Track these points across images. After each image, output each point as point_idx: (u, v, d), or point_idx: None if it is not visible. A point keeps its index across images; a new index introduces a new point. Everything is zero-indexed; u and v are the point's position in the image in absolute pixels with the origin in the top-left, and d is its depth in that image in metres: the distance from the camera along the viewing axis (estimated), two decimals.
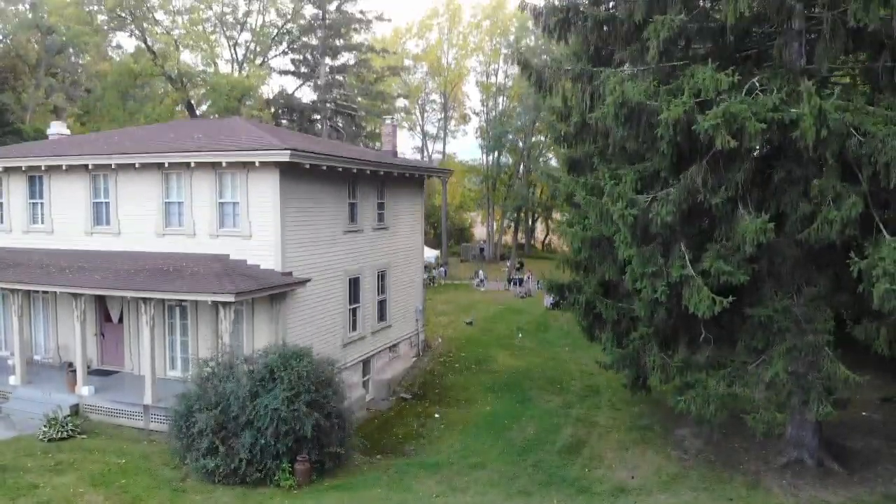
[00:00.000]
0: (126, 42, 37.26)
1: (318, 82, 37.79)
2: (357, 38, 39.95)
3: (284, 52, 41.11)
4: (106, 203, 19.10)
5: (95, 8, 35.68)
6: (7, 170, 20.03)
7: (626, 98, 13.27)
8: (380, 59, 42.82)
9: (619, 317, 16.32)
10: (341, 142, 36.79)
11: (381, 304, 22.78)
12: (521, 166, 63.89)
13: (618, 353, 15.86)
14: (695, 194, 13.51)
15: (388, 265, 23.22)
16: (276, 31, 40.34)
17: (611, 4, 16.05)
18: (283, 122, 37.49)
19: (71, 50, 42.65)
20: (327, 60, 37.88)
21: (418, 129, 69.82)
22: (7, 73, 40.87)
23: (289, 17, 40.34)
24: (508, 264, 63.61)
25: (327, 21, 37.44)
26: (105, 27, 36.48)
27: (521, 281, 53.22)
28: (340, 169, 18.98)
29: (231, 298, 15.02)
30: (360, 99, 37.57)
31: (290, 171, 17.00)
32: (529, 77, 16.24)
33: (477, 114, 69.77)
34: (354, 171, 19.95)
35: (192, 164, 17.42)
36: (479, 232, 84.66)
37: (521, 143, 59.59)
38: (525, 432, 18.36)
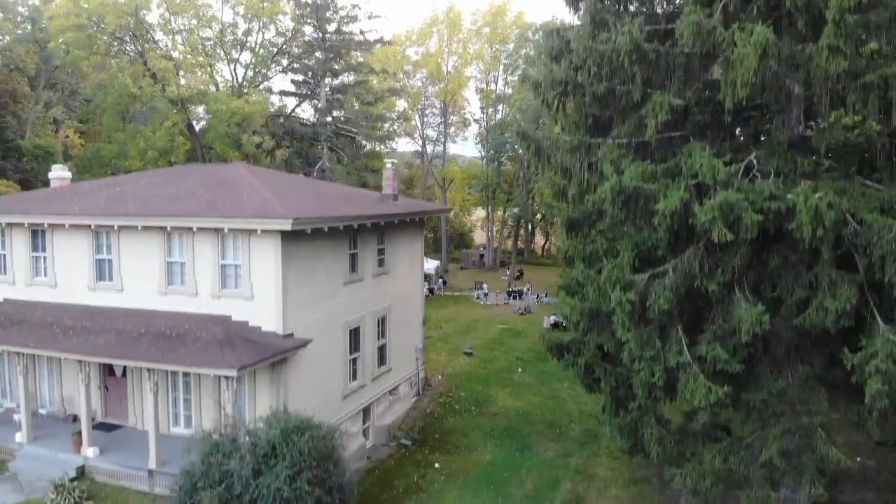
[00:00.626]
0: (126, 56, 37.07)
1: (319, 105, 37.79)
2: (357, 56, 39.88)
3: (284, 71, 41.09)
4: (109, 259, 19.26)
5: (95, 29, 35.54)
6: (10, 223, 20.19)
7: (623, 186, 13.41)
8: (380, 81, 42.85)
9: (617, 383, 16.53)
10: (342, 164, 36.87)
11: (382, 349, 22.99)
12: (521, 174, 63.97)
13: (616, 423, 16.08)
14: (692, 279, 13.69)
15: (389, 308, 23.41)
16: (275, 50, 40.28)
17: (607, 70, 16.03)
18: (284, 143, 37.49)
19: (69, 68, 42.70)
20: (327, 80, 37.86)
21: (418, 135, 69.81)
22: (6, 98, 40.86)
23: (289, 35, 40.30)
24: (508, 273, 63.82)
25: (327, 43, 37.42)
26: (106, 49, 36.34)
27: (520, 294, 53.44)
28: (342, 227, 19.14)
29: (233, 374, 15.22)
30: (362, 123, 37.54)
31: (291, 235, 17.15)
32: (528, 148, 16.35)
33: (477, 120, 69.83)
34: (355, 225, 20.11)
35: (195, 229, 17.57)
36: (479, 236, 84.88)
37: (520, 152, 59.49)
38: (524, 487, 18.62)
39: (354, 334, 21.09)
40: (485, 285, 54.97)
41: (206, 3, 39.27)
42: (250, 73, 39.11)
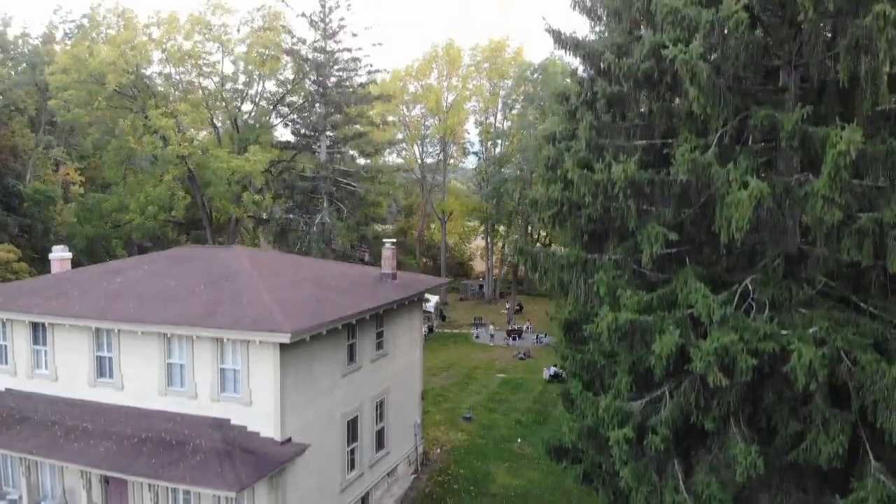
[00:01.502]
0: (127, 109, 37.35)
1: (320, 158, 38.00)
2: (358, 108, 40.05)
3: (285, 124, 41.31)
4: (109, 357, 19.37)
5: (95, 86, 35.80)
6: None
7: (619, 323, 13.53)
8: (380, 130, 43.12)
9: (615, 496, 16.61)
10: (342, 219, 36.99)
11: (380, 433, 23.06)
12: (520, 208, 64.06)
13: None
14: (687, 413, 13.80)
15: (388, 390, 23.49)
16: (276, 99, 40.51)
17: (602, 198, 16.18)
18: (283, 197, 37.67)
19: None
20: (328, 134, 38.08)
21: (417, 167, 70.07)
22: (7, 156, 41.09)
23: (289, 86, 40.54)
24: (508, 306, 63.89)
25: (327, 97, 37.64)
26: (107, 105, 36.59)
27: (520, 333, 53.52)
28: (340, 326, 19.26)
29: (233, 494, 15.30)
30: (362, 174, 37.73)
31: (290, 343, 17.26)
32: (526, 262, 16.48)
33: (476, 153, 70.10)
34: (354, 320, 20.22)
35: (195, 336, 17.70)
36: (479, 264, 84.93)
37: (518, 195, 59.81)
38: None
39: (352, 424, 21.17)
40: (490, 327, 54.84)
41: (207, 52, 39.60)
42: (251, 121, 39.26)
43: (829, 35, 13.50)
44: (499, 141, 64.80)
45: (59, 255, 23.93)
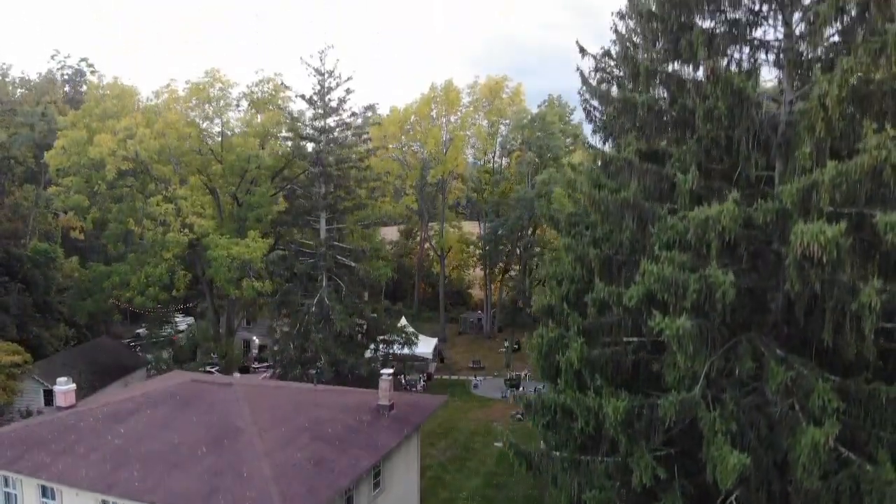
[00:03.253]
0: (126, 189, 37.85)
1: (319, 235, 38.32)
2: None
3: (286, 196, 41.58)
4: None
5: (94, 171, 36.15)
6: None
7: None
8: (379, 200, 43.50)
9: None
10: (342, 301, 37.35)
11: None
12: (519, 250, 64.47)
13: None
14: None
15: None
16: (274, 174, 40.80)
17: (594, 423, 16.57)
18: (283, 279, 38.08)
19: None
20: (325, 215, 38.39)
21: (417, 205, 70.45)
22: (8, 238, 41.41)
23: (288, 159, 40.83)
24: (506, 344, 64.30)
25: (327, 175, 37.89)
26: (107, 189, 36.98)
27: (518, 383, 53.99)
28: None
29: None
30: (361, 250, 38.10)
31: None
32: (521, 463, 16.97)
33: (476, 191, 70.25)
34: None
35: None
36: (478, 292, 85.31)
37: (517, 247, 60.29)
38: None
39: None
40: (506, 388, 54.10)
41: (207, 132, 39.84)
42: (252, 197, 39.60)
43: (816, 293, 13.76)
44: (497, 178, 65.02)
45: (64, 388, 24.41)
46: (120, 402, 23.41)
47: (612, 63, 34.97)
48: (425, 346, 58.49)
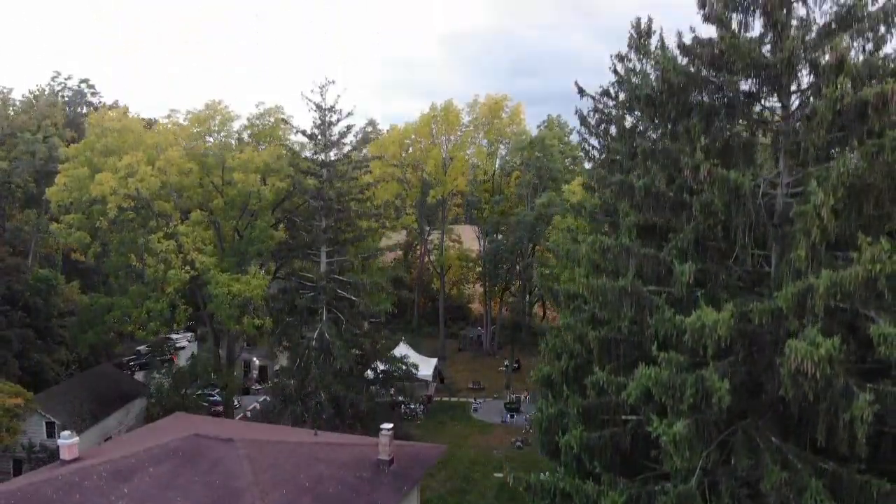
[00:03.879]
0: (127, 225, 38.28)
1: (320, 269, 38.51)
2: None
3: (286, 227, 41.75)
4: None
5: (95, 207, 36.39)
6: None
7: None
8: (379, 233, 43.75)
9: None
10: (342, 337, 37.55)
11: None
12: (518, 266, 64.67)
13: None
14: None
15: None
16: (274, 205, 40.99)
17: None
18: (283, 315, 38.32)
19: None
20: (326, 249, 38.60)
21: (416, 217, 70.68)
22: (10, 275, 41.57)
23: (289, 191, 41.01)
24: (506, 363, 64.46)
25: (328, 209, 38.08)
26: (108, 226, 37.21)
27: (518, 407, 54.19)
28: None
29: None
30: (361, 284, 38.26)
31: None
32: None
33: (477, 208, 70.47)
34: None
35: None
36: (479, 306, 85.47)
37: (517, 265, 60.50)
38: None
39: None
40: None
41: (208, 165, 40.00)
42: (249, 230, 39.75)
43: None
44: (497, 198, 65.20)
45: (67, 441, 24.63)
46: (123, 458, 23.58)
47: (611, 103, 35.36)
48: (425, 367, 58.61)
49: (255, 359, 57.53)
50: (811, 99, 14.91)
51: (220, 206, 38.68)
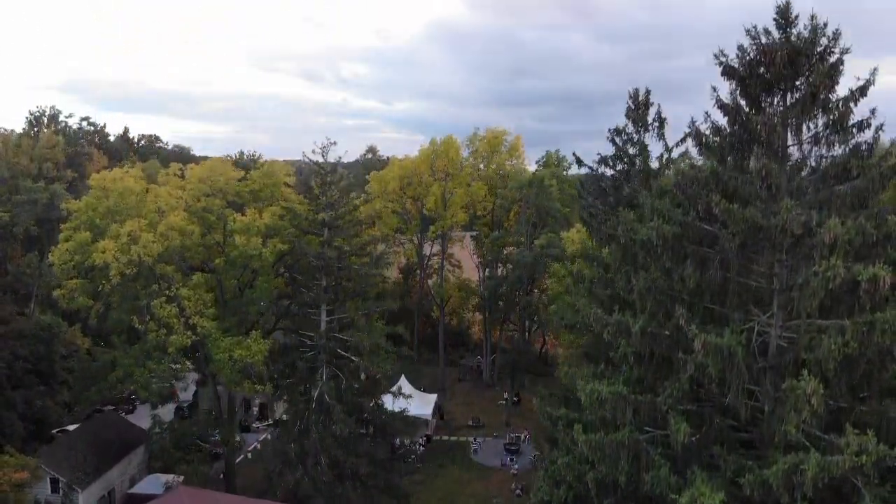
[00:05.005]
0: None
1: (321, 328, 38.84)
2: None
3: (286, 283, 42.07)
4: None
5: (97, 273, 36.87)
6: None
7: None
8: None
9: None
10: (342, 400, 37.92)
11: None
12: (518, 297, 64.98)
13: None
14: None
15: None
16: (276, 260, 41.30)
17: None
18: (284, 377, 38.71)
19: None
20: (326, 307, 38.92)
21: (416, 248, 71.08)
22: (15, 339, 41.92)
23: (291, 248, 41.32)
24: (506, 396, 64.68)
25: (328, 269, 38.38)
26: (111, 291, 37.59)
27: (517, 449, 54.47)
28: None
29: None
30: (362, 343, 38.59)
31: None
32: None
33: (474, 237, 70.93)
34: None
35: None
36: (478, 330, 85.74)
37: (516, 300, 60.83)
38: None
39: None
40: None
41: (210, 223, 40.29)
42: (250, 290, 40.10)
43: None
44: (496, 235, 65.52)
45: None
46: None
47: (609, 171, 35.76)
48: (425, 404, 58.85)
49: (255, 397, 57.95)
50: (804, 268, 15.22)
51: (222, 264, 38.99)
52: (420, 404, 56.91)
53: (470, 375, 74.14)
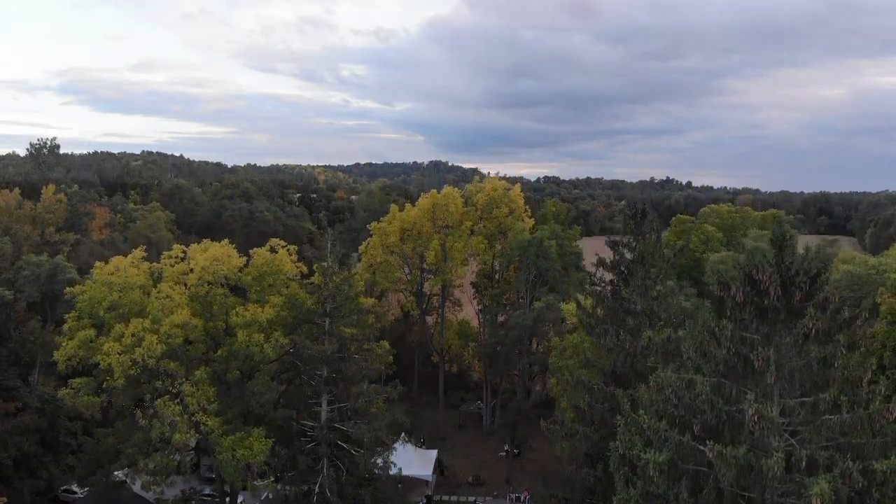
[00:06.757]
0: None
1: (321, 419, 39.26)
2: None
3: (286, 369, 42.47)
4: None
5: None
6: None
7: None
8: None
9: None
10: (343, 494, 38.38)
11: None
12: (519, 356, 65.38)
13: None
14: None
15: None
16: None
17: None
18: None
19: None
20: (326, 397, 39.36)
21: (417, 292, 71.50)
22: (21, 434, 42.34)
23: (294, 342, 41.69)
24: (506, 448, 64.97)
25: (329, 358, 38.80)
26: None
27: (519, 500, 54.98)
28: None
29: None
30: (363, 433, 39.02)
31: None
32: None
33: (475, 285, 71.21)
34: None
35: None
36: (478, 369, 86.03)
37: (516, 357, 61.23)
38: None
39: None
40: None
41: (213, 312, 40.67)
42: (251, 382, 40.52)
43: None
44: (496, 291, 65.95)
45: None
46: None
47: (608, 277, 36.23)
48: (425, 463, 58.91)
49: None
50: None
51: (224, 354, 39.39)
52: (420, 463, 57.17)
53: (470, 422, 74.44)
